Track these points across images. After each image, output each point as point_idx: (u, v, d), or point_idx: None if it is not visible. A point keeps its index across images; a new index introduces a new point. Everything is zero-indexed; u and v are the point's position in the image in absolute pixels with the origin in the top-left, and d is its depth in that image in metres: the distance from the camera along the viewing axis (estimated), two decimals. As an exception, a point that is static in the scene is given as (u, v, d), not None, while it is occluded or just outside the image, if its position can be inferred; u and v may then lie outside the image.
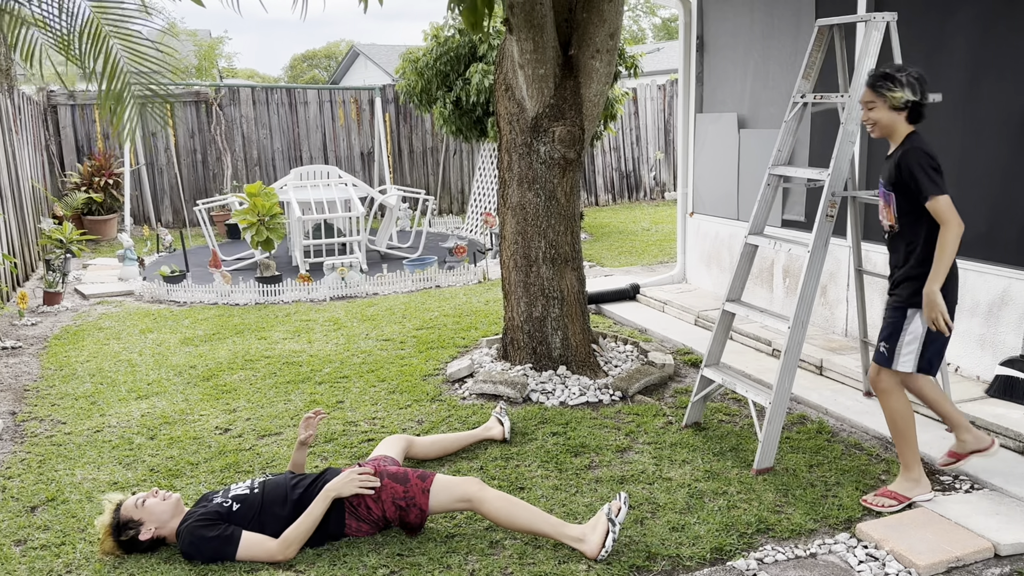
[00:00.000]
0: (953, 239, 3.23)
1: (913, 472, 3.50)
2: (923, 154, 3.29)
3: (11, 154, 8.90)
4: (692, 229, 7.34)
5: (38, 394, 5.28)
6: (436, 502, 3.31)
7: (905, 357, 3.41)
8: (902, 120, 3.39)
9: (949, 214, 3.24)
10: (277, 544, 3.18)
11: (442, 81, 10.38)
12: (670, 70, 20.10)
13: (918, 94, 3.33)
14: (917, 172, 3.27)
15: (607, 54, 4.87)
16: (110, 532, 3.24)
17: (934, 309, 3.28)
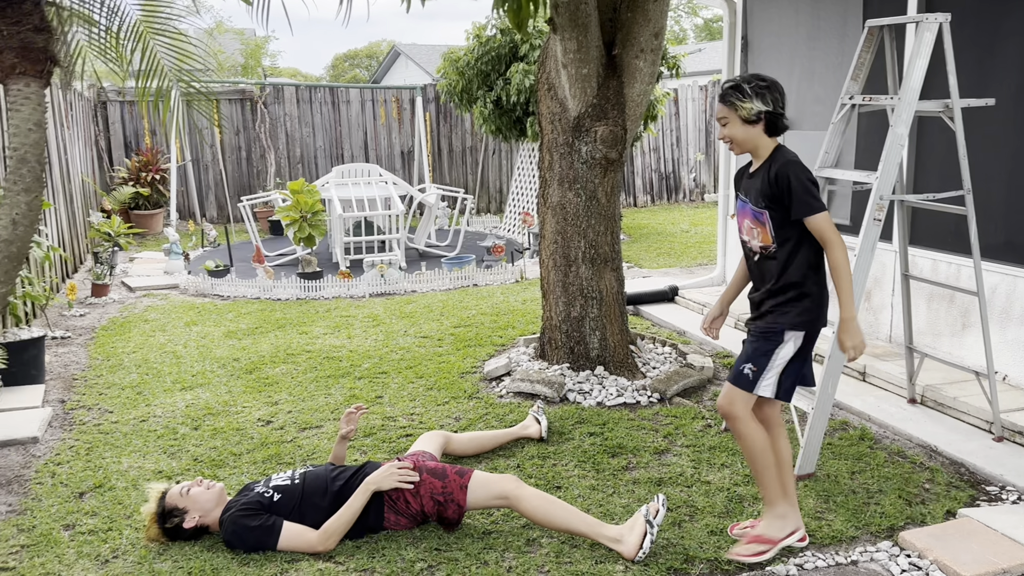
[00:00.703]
0: (844, 257, 3.00)
1: (778, 507, 3.14)
2: (799, 168, 3.02)
3: (63, 149, 9.12)
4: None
5: (86, 383, 5.40)
6: (474, 498, 3.33)
7: (767, 381, 3.10)
8: (760, 133, 3.08)
9: (831, 231, 3.00)
10: (317, 535, 3.22)
11: (483, 81, 10.42)
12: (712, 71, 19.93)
13: (769, 104, 3.03)
14: (795, 190, 2.98)
15: (651, 53, 4.84)
16: (155, 519, 3.30)
17: (855, 336, 3.04)
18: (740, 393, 3.11)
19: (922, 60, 3.83)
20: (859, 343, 3.05)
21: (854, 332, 3.06)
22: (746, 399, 3.11)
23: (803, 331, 3.10)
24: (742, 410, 3.11)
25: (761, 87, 3.04)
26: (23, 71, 3.19)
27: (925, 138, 5.22)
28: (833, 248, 3.00)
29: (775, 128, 3.09)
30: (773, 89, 3.07)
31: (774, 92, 3.06)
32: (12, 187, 3.28)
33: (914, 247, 5.10)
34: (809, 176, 3.03)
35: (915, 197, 4.27)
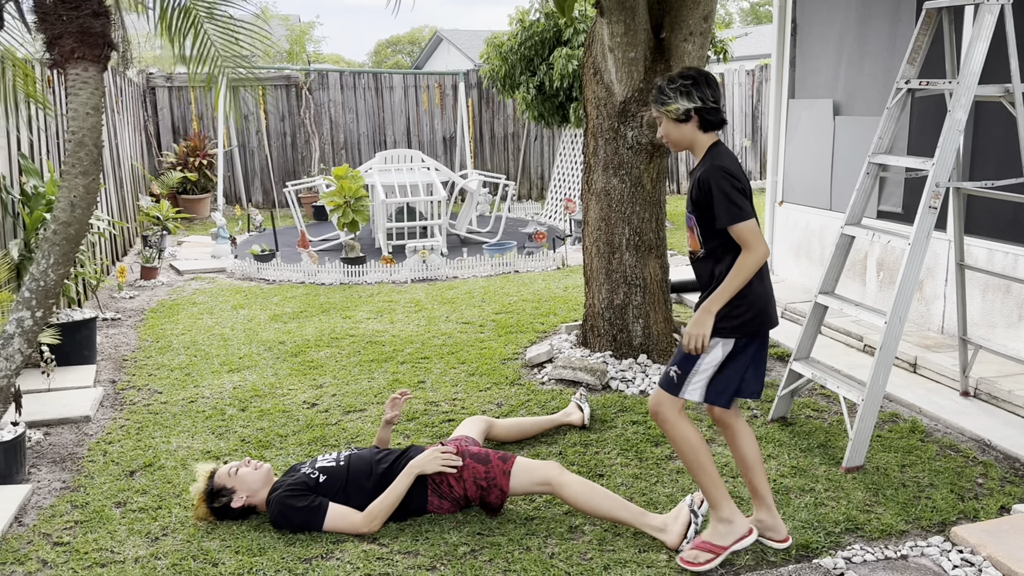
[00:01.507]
0: (753, 264, 2.87)
1: (723, 511, 3.01)
2: (723, 174, 2.90)
3: (113, 133, 9.29)
4: (781, 219, 7.16)
5: (136, 364, 5.51)
6: (516, 484, 3.33)
7: (694, 386, 2.99)
8: (694, 130, 2.98)
9: (753, 239, 2.87)
10: (362, 517, 3.25)
11: (526, 66, 10.36)
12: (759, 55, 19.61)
13: (696, 100, 2.92)
14: (717, 198, 2.89)
15: (700, 37, 4.77)
16: (204, 499, 3.36)
17: (700, 328, 2.92)
18: (666, 396, 3.03)
19: (982, 43, 3.71)
20: (699, 334, 2.92)
21: (701, 323, 2.92)
22: (672, 402, 3.02)
23: (731, 337, 2.97)
24: (669, 412, 3.02)
25: (685, 85, 2.94)
26: (81, 56, 3.25)
27: (982, 124, 5.07)
28: (749, 253, 2.87)
29: (710, 123, 2.98)
30: (700, 85, 2.95)
31: (701, 88, 2.95)
32: (70, 170, 3.34)
33: (969, 236, 4.97)
34: (734, 182, 2.90)
35: (972, 184, 4.15)
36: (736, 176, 2.92)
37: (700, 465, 3.00)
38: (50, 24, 3.24)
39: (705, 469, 3.00)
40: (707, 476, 3.01)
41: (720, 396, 3.04)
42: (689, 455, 3.01)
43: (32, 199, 5.28)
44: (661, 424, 3.06)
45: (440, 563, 3.08)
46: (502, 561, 3.08)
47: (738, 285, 2.90)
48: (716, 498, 3.01)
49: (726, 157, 2.97)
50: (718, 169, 2.92)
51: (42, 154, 6.33)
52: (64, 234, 3.34)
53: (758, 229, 2.91)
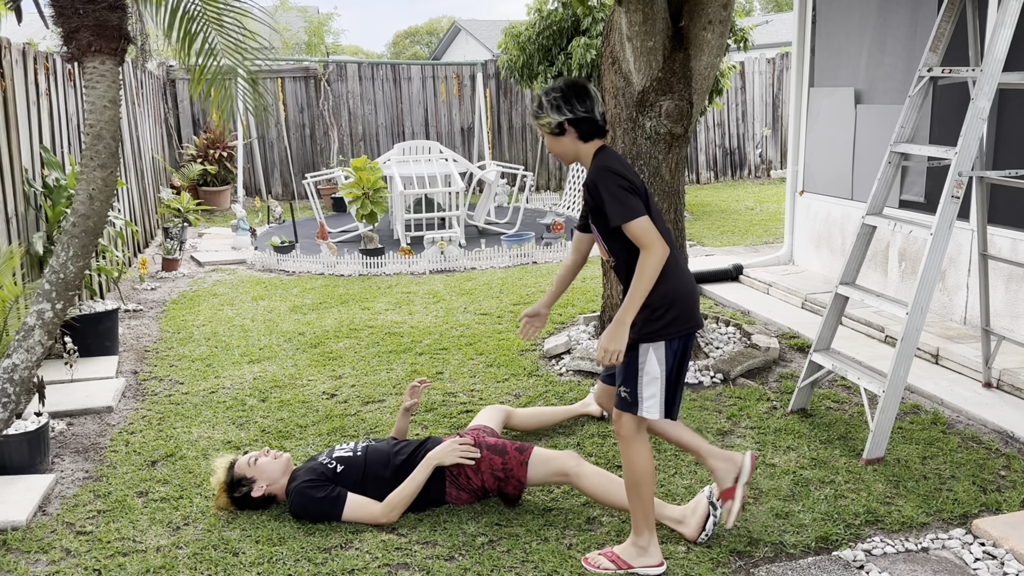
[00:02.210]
0: (654, 264, 2.78)
1: (642, 538, 2.96)
2: (609, 174, 2.84)
3: (134, 126, 9.36)
4: (801, 208, 7.10)
5: (157, 355, 5.57)
6: (534, 474, 3.34)
7: (649, 402, 2.90)
8: (574, 141, 2.93)
9: (648, 237, 2.79)
10: (381, 508, 3.27)
11: (544, 56, 10.32)
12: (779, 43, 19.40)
13: (568, 112, 2.88)
14: (606, 198, 2.82)
15: (720, 25, 4.72)
16: (225, 489, 3.40)
17: (613, 342, 2.80)
18: (627, 416, 2.95)
19: (1007, 30, 3.65)
20: (615, 350, 2.81)
21: (616, 337, 2.81)
22: (632, 420, 2.95)
23: (660, 340, 2.89)
24: (630, 431, 2.95)
25: (556, 98, 2.89)
26: (98, 49, 3.27)
27: (1006, 112, 4.99)
28: (649, 253, 2.79)
29: (588, 133, 2.93)
30: (571, 96, 2.90)
31: (571, 100, 2.89)
32: (89, 163, 3.37)
33: (993, 226, 4.89)
34: (620, 182, 2.83)
35: (996, 173, 4.09)
36: (623, 175, 2.85)
37: (640, 493, 2.95)
38: (67, 18, 3.27)
39: (643, 498, 2.95)
40: (642, 504, 2.95)
41: (670, 411, 2.98)
42: (634, 480, 2.95)
43: (54, 192, 5.33)
44: (620, 441, 2.99)
45: (458, 553, 3.09)
46: (520, 552, 3.09)
47: (645, 289, 2.80)
48: (641, 526, 2.96)
49: (611, 158, 2.92)
50: (603, 169, 2.87)
51: (63, 147, 6.39)
52: (83, 226, 3.37)
53: (652, 226, 2.81)
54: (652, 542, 2.97)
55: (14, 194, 5.09)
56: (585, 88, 2.93)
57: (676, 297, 2.90)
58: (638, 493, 2.95)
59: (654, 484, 2.99)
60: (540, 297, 6.72)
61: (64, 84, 6.50)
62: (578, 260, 3.35)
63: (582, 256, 3.34)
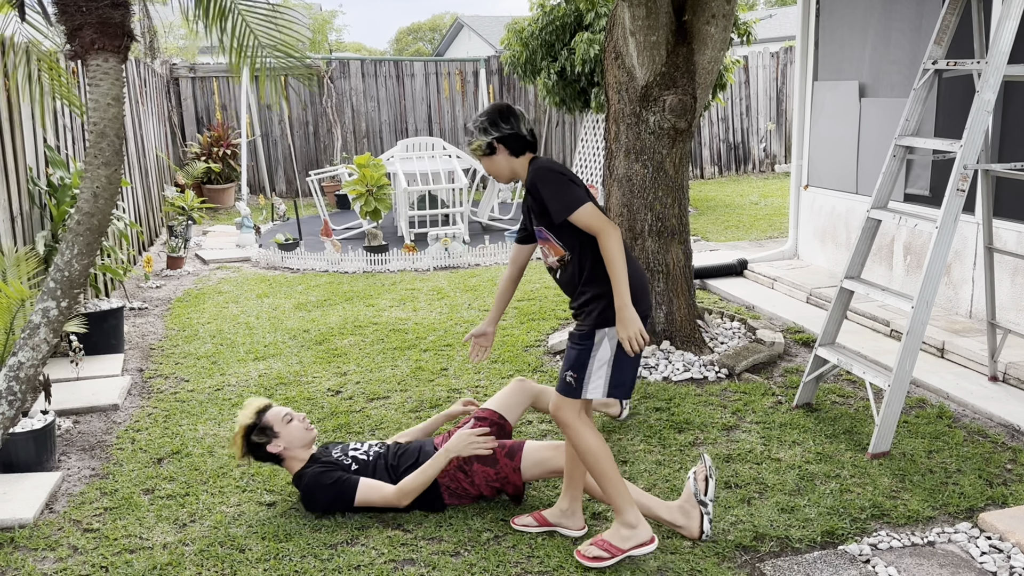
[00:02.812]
0: (615, 245, 2.85)
1: (627, 515, 2.95)
2: (545, 172, 2.95)
3: (137, 124, 9.37)
4: (806, 203, 7.08)
5: (163, 353, 5.58)
6: (529, 476, 3.34)
7: (594, 383, 2.97)
8: (506, 159, 3.07)
9: (597, 221, 2.88)
10: (394, 491, 3.28)
11: (547, 51, 10.30)
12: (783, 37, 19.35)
13: (493, 132, 3.03)
14: (546, 195, 2.93)
15: (723, 19, 4.71)
16: (245, 430, 3.38)
17: (630, 327, 2.87)
18: (567, 400, 2.99)
19: (1012, 22, 3.63)
20: (634, 332, 2.87)
21: (628, 321, 2.87)
22: (571, 404, 2.99)
23: (614, 326, 2.95)
24: (569, 416, 2.98)
25: (482, 122, 3.06)
26: (101, 46, 3.27)
27: (1012, 104, 4.97)
28: (604, 236, 2.87)
29: (517, 148, 3.06)
30: (496, 117, 3.05)
31: (497, 120, 3.04)
32: (92, 161, 3.37)
33: (998, 219, 4.88)
34: (557, 176, 2.94)
35: (1001, 166, 4.07)
36: (559, 170, 2.97)
37: (603, 472, 2.95)
38: (70, 15, 3.27)
39: (608, 476, 2.95)
40: (610, 483, 2.96)
41: (619, 388, 3.01)
42: (591, 462, 2.96)
43: (59, 190, 5.34)
44: (563, 428, 3.02)
45: (464, 549, 3.09)
46: (525, 547, 3.09)
47: (622, 271, 2.87)
48: (620, 504, 2.96)
49: (545, 161, 3.03)
50: (538, 169, 2.99)
51: (68, 145, 6.40)
52: (88, 224, 3.37)
53: (597, 211, 2.90)
54: (637, 517, 2.96)
55: (19, 193, 5.10)
56: (509, 108, 3.09)
57: (639, 282, 2.98)
58: (603, 472, 2.95)
59: (613, 460, 2.98)
60: (543, 293, 6.72)
61: (68, 82, 6.50)
62: (515, 274, 3.42)
63: (519, 269, 3.42)
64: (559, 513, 3.19)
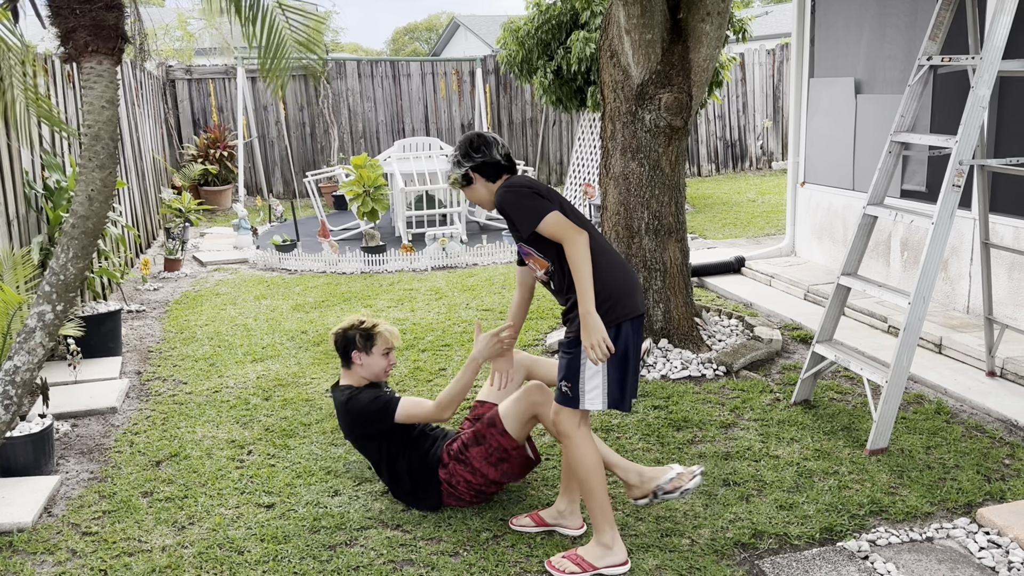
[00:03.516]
0: (580, 252, 2.83)
1: (605, 536, 2.95)
2: (508, 192, 2.98)
3: (134, 127, 9.36)
4: (803, 200, 7.08)
5: (161, 355, 5.57)
6: (519, 434, 3.27)
7: (591, 394, 2.92)
8: (483, 185, 3.10)
9: (561, 229, 2.86)
10: (433, 405, 3.30)
11: (543, 50, 10.29)
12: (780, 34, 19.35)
13: (466, 164, 3.07)
14: (511, 212, 2.96)
15: (718, 16, 4.71)
16: (349, 327, 3.46)
17: (592, 334, 2.83)
18: (566, 410, 2.97)
19: (1006, 17, 3.63)
20: (596, 340, 2.83)
21: (591, 328, 2.83)
22: (573, 414, 2.96)
23: None
24: (570, 427, 2.96)
25: (457, 157, 3.10)
26: (95, 49, 3.26)
27: (1007, 100, 4.97)
28: (570, 244, 2.85)
29: (496, 173, 3.09)
30: (467, 148, 3.08)
31: (468, 152, 3.08)
32: (87, 164, 3.37)
33: (995, 214, 4.88)
34: (519, 190, 2.96)
35: (997, 162, 4.08)
36: (518, 186, 2.97)
37: (591, 488, 2.95)
38: (63, 18, 3.26)
39: (595, 493, 2.94)
40: (595, 500, 2.95)
41: (624, 399, 2.97)
42: (582, 475, 2.95)
43: (55, 194, 5.34)
44: (561, 438, 3.02)
45: (463, 549, 3.09)
46: (524, 546, 3.09)
47: (586, 276, 2.84)
48: (601, 522, 2.95)
49: (513, 180, 3.04)
50: (503, 189, 3.01)
51: (64, 149, 6.39)
52: (83, 228, 3.36)
53: (562, 218, 2.89)
54: (615, 539, 2.96)
55: (15, 196, 5.09)
56: (480, 137, 3.11)
57: (613, 287, 2.93)
58: (591, 488, 2.94)
59: (604, 479, 2.97)
60: (540, 291, 6.71)
61: (64, 85, 6.50)
62: (525, 296, 3.39)
63: (528, 291, 3.39)
64: (556, 514, 3.20)
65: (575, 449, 2.96)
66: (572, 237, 2.86)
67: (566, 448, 3.02)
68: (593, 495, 2.95)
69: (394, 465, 3.40)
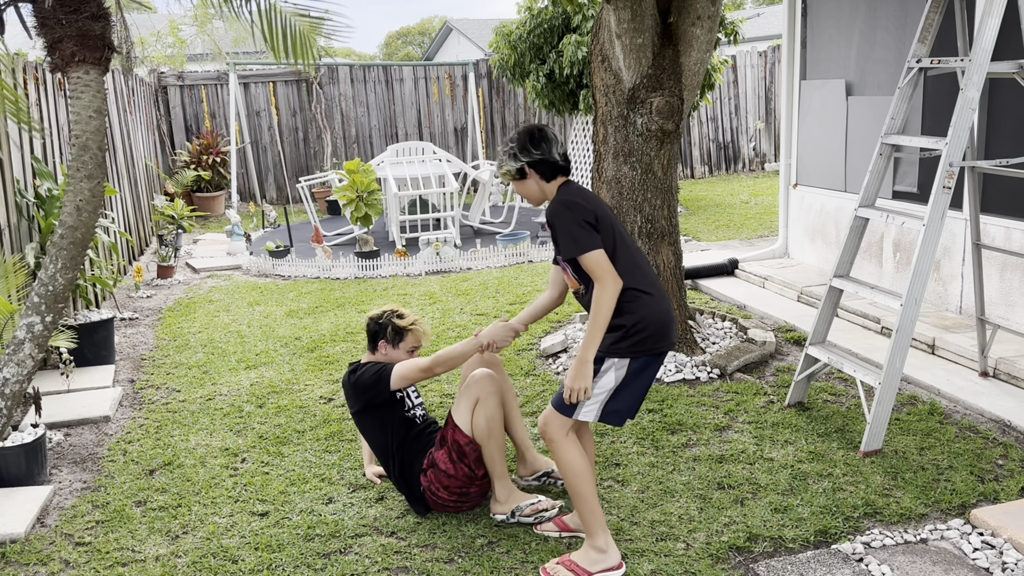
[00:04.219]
0: (608, 298, 2.83)
1: (597, 539, 2.94)
2: (564, 209, 2.91)
3: (126, 134, 9.34)
4: (795, 201, 7.10)
5: (154, 363, 5.56)
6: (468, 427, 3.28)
7: (589, 407, 2.94)
8: (537, 182, 3.03)
9: (601, 271, 2.84)
10: (428, 360, 3.29)
11: (535, 54, 10.31)
12: (771, 36, 19.40)
13: (523, 159, 3.00)
14: (560, 231, 2.91)
15: (708, 20, 4.72)
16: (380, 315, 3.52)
17: (579, 380, 2.86)
18: (558, 417, 2.97)
19: (994, 19, 3.65)
20: (580, 387, 2.87)
21: (581, 375, 2.86)
22: (562, 422, 2.96)
23: (625, 357, 2.92)
24: (557, 433, 2.96)
25: (512, 148, 3.03)
26: (82, 59, 3.26)
27: (997, 101, 4.99)
28: (603, 287, 2.84)
29: (551, 173, 3.03)
30: (527, 142, 3.01)
31: (527, 145, 3.00)
32: (75, 174, 3.36)
33: (986, 215, 4.90)
34: (574, 216, 2.88)
35: (987, 163, 4.09)
36: (576, 208, 2.89)
37: (580, 492, 2.94)
38: (50, 28, 3.25)
39: (584, 497, 2.94)
40: (586, 504, 2.94)
41: (613, 416, 2.98)
42: (571, 480, 2.95)
43: (47, 202, 5.32)
44: (548, 444, 3.00)
45: (458, 555, 3.09)
46: (519, 552, 3.09)
47: (603, 322, 2.84)
48: (592, 526, 2.95)
49: (573, 192, 2.98)
50: (558, 203, 2.94)
51: (55, 157, 6.37)
52: (71, 238, 3.35)
53: (605, 260, 2.86)
54: (608, 542, 2.95)
55: (6, 205, 5.08)
56: (541, 133, 3.04)
57: (650, 322, 2.92)
58: (580, 492, 2.94)
59: (594, 481, 2.97)
60: (536, 296, 6.72)
61: (54, 94, 6.48)
62: (555, 297, 3.33)
63: (559, 292, 3.32)
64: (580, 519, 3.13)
65: (563, 455, 2.96)
66: (606, 282, 2.84)
67: (553, 452, 3.00)
68: (583, 499, 2.94)
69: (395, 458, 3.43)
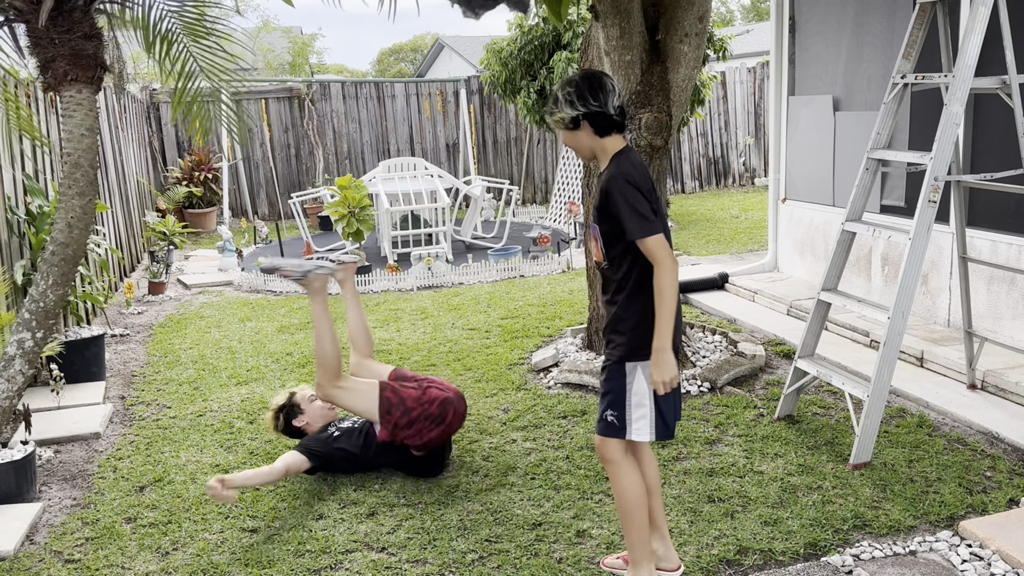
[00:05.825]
0: (671, 282, 2.68)
1: (641, 570, 2.85)
2: (626, 184, 2.71)
3: (118, 150, 9.35)
4: (784, 216, 7.15)
5: (145, 379, 5.54)
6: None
7: (639, 423, 2.78)
8: (590, 136, 2.82)
9: (661, 253, 2.68)
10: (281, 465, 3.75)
11: (526, 71, 10.38)
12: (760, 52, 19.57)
13: (581, 108, 2.77)
14: (622, 207, 2.70)
15: (696, 37, 4.77)
16: (278, 410, 3.99)
17: (666, 372, 2.70)
18: (612, 440, 2.84)
19: (977, 36, 3.71)
20: (669, 378, 2.71)
21: (664, 365, 2.71)
22: (617, 442, 2.84)
23: (648, 359, 2.77)
24: (616, 454, 2.83)
25: (569, 93, 2.80)
26: (75, 78, 3.28)
27: (981, 116, 5.05)
28: (662, 270, 2.69)
29: (605, 128, 2.81)
30: (585, 89, 2.78)
31: (585, 94, 2.78)
32: (67, 191, 3.37)
33: (972, 228, 4.95)
34: (637, 196, 2.71)
35: (972, 177, 4.14)
36: (640, 187, 2.73)
37: (632, 519, 2.84)
38: (43, 48, 3.27)
39: (635, 524, 2.84)
40: (636, 531, 2.85)
41: (668, 427, 2.86)
42: (622, 504, 2.85)
43: (38, 219, 5.32)
44: (606, 464, 2.88)
45: (449, 571, 3.09)
46: (510, 567, 3.09)
47: (671, 308, 2.70)
48: (638, 556, 2.86)
49: (630, 164, 2.78)
50: (621, 178, 2.74)
51: (47, 174, 6.38)
52: (62, 255, 3.36)
53: (665, 242, 2.72)
54: (652, 573, 2.88)
55: (-3, 222, 5.07)
56: (600, 81, 2.81)
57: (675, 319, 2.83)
58: (632, 520, 2.83)
59: (646, 509, 2.86)
60: (526, 311, 6.74)
61: (46, 112, 6.50)
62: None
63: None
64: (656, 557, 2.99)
65: (621, 478, 2.84)
66: (668, 265, 2.69)
67: (609, 474, 2.87)
68: (634, 525, 2.84)
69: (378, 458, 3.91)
